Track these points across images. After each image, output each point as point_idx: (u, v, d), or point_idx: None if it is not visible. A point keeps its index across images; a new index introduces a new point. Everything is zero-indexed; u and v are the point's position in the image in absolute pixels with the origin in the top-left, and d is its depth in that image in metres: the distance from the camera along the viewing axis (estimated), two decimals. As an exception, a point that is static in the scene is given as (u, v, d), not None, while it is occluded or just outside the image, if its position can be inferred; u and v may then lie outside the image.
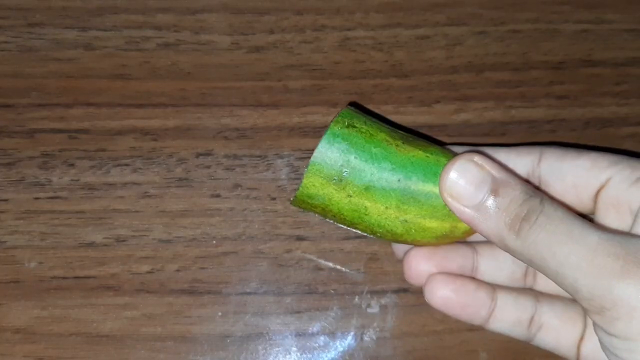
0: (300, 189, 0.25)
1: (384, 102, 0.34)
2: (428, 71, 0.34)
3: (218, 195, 0.33)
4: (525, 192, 0.23)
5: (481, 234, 0.24)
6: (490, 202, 0.23)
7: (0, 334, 0.31)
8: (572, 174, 0.25)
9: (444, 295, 0.27)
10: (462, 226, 0.25)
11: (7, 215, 0.32)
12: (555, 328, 0.27)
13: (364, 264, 0.32)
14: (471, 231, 0.26)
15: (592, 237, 0.21)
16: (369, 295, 0.32)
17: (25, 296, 0.31)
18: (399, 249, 0.29)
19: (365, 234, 0.27)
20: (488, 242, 0.27)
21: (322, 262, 0.32)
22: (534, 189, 0.24)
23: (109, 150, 0.33)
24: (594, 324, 0.22)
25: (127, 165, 0.33)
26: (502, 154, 0.27)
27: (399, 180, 0.24)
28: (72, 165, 0.33)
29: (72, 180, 0.33)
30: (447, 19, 0.35)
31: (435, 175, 0.25)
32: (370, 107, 0.34)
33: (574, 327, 0.27)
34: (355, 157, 0.24)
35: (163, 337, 0.31)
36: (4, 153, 0.33)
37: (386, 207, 0.25)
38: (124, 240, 0.32)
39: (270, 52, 0.34)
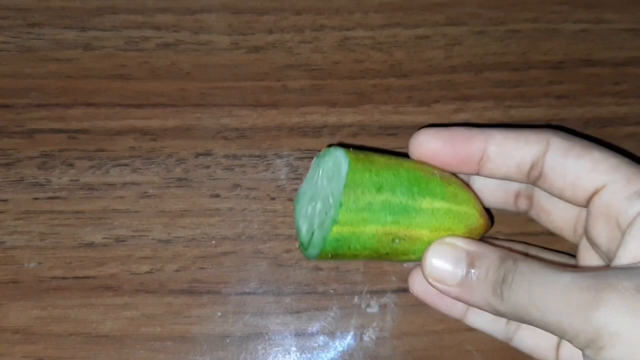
0: (327, 245, 0.25)
1: (383, 102, 0.34)
2: (427, 71, 0.34)
3: (217, 195, 0.33)
4: (498, 258, 0.24)
5: (473, 306, 0.25)
6: (470, 275, 0.25)
7: (0, 334, 0.31)
8: (573, 173, 0.25)
9: (423, 285, 0.27)
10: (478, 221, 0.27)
11: (6, 215, 0.32)
12: (532, 329, 0.27)
13: (363, 263, 0.32)
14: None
15: (564, 278, 0.22)
16: (368, 295, 0.32)
17: (25, 296, 0.31)
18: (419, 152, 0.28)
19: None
20: (501, 130, 0.27)
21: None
22: (507, 251, 0.25)
23: (108, 151, 0.33)
24: (585, 357, 0.23)
25: (126, 165, 0.33)
26: (511, 141, 0.27)
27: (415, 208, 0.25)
28: (71, 165, 0.33)
29: (71, 180, 0.33)
30: (446, 18, 0.35)
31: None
32: (370, 106, 0.34)
33: None
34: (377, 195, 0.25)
35: (162, 337, 0.31)
36: (3, 153, 0.33)
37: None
38: (123, 241, 0.32)
39: (269, 52, 0.34)
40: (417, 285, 0.28)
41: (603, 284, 0.22)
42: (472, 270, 0.25)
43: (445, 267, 0.25)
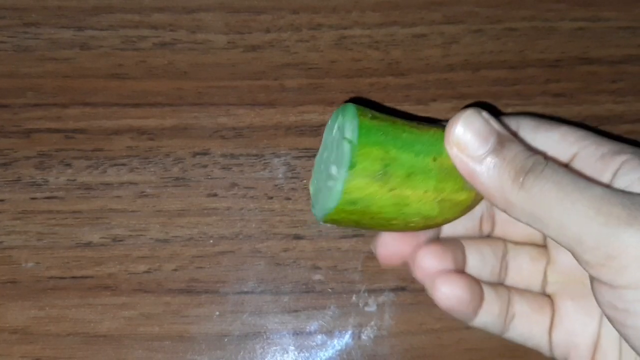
0: (343, 196, 0.23)
1: (380, 100, 0.34)
2: (424, 69, 0.34)
3: (215, 195, 0.33)
4: (529, 149, 0.23)
5: (481, 189, 0.24)
6: (494, 154, 0.23)
7: (-2, 334, 0.31)
8: (543, 146, 0.25)
9: (456, 295, 0.26)
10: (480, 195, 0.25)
11: (3, 215, 0.32)
12: (527, 315, 0.27)
13: (361, 262, 0.32)
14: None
15: (597, 188, 0.21)
16: (366, 294, 0.32)
17: (22, 296, 0.31)
18: (384, 256, 0.28)
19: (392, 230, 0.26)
20: (469, 238, 0.28)
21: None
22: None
23: (106, 150, 0.33)
24: (595, 284, 0.22)
25: (123, 164, 0.33)
26: None
27: (434, 160, 0.24)
28: (68, 165, 0.33)
29: (68, 180, 0.32)
30: (443, 17, 0.35)
31: None
32: (368, 106, 0.34)
33: (544, 314, 0.27)
34: (393, 146, 0.23)
35: (160, 337, 0.31)
36: (0, 153, 0.33)
37: (425, 191, 0.24)
38: (121, 240, 0.32)
39: (266, 51, 0.34)
40: (450, 297, 0.26)
41: (637, 205, 0.21)
42: (499, 151, 0.23)
43: (472, 138, 0.23)
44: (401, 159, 0.24)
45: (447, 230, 0.28)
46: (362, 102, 0.34)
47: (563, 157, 0.25)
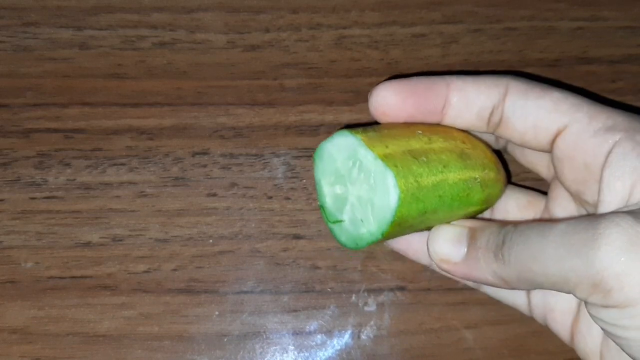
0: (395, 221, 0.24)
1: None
2: (424, 69, 0.34)
3: (214, 195, 0.33)
4: (498, 226, 0.24)
5: (481, 282, 0.25)
6: (472, 247, 0.25)
7: (-3, 334, 0.31)
8: (533, 115, 0.25)
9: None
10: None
11: (3, 215, 0.32)
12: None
13: (360, 262, 0.32)
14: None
15: (560, 226, 0.22)
16: (365, 294, 0.32)
17: (22, 296, 0.31)
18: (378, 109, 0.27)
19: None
20: (460, 76, 0.27)
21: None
22: (508, 222, 0.25)
23: (105, 150, 0.33)
24: (590, 309, 0.22)
25: (123, 164, 0.33)
26: (470, 86, 0.26)
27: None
28: (68, 164, 0.33)
29: (68, 179, 0.32)
30: (442, 16, 0.35)
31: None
32: (366, 105, 0.34)
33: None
34: (427, 203, 0.24)
35: (160, 337, 0.31)
36: (-1, 153, 0.33)
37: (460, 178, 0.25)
38: (120, 240, 0.32)
39: (266, 50, 0.34)
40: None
41: (600, 220, 0.21)
42: (474, 242, 0.25)
43: (449, 246, 0.25)
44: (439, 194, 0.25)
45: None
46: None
47: (552, 126, 0.25)
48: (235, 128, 0.33)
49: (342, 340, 0.32)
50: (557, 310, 0.27)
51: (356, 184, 0.25)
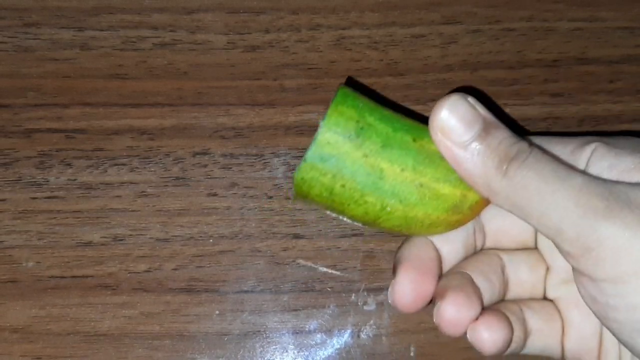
0: (314, 148, 0.23)
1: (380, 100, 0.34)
2: (423, 70, 0.34)
3: (215, 194, 0.33)
4: (515, 136, 0.23)
5: (464, 176, 0.23)
6: (479, 141, 0.23)
7: (-1, 333, 0.31)
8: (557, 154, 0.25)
9: (500, 337, 0.25)
10: (471, 196, 0.24)
11: (4, 215, 0.32)
12: (541, 330, 0.26)
13: (360, 261, 0.33)
14: (478, 206, 0.25)
15: (577, 178, 0.21)
16: (365, 293, 0.32)
17: (23, 296, 0.32)
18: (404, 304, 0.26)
19: (367, 222, 0.25)
20: (469, 262, 0.26)
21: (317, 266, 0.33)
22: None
23: (106, 150, 0.33)
24: (577, 275, 0.22)
25: (124, 164, 0.33)
26: None
27: (414, 140, 0.24)
28: (69, 164, 0.33)
29: (69, 179, 0.33)
30: (442, 17, 0.35)
31: None
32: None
33: (554, 323, 0.27)
34: (369, 115, 0.23)
35: (161, 336, 0.32)
36: (0, 153, 0.33)
37: (402, 169, 0.23)
38: (121, 240, 0.32)
39: (266, 51, 0.34)
40: (491, 342, 0.25)
41: (616, 196, 0.21)
42: (484, 137, 0.23)
43: (457, 124, 0.23)
44: (377, 127, 0.23)
45: (450, 257, 0.27)
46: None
47: (580, 162, 0.25)
48: (236, 128, 0.34)
49: (341, 339, 0.32)
50: (594, 349, 0.26)
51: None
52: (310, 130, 0.34)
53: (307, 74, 0.34)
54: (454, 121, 0.23)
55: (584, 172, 0.22)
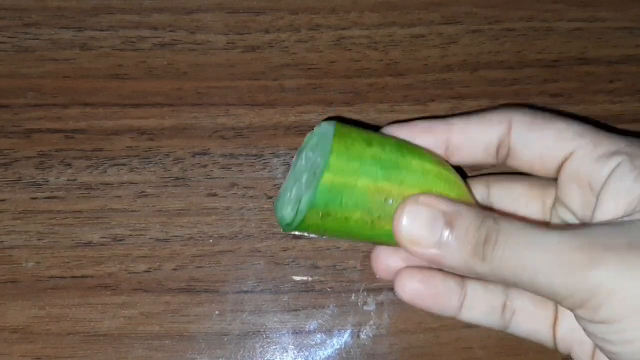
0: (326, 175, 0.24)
1: (379, 100, 0.34)
2: (423, 70, 0.34)
3: (214, 194, 0.33)
4: (477, 216, 0.23)
5: (449, 269, 0.24)
6: (447, 236, 0.23)
7: (-2, 333, 0.31)
8: (539, 144, 0.26)
9: (413, 288, 0.27)
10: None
11: (4, 215, 0.32)
12: (529, 312, 0.27)
13: (360, 261, 0.33)
14: None
15: (552, 238, 0.22)
16: (365, 293, 0.32)
17: (23, 296, 0.32)
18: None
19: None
20: (462, 117, 0.27)
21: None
22: (485, 210, 0.24)
23: (106, 150, 0.33)
24: (578, 319, 0.23)
25: (123, 164, 0.33)
26: (473, 127, 0.27)
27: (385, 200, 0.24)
28: (68, 165, 0.33)
29: (68, 180, 0.33)
30: (441, 17, 0.35)
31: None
32: (366, 106, 0.34)
33: (546, 309, 0.27)
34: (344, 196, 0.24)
35: (160, 336, 0.32)
36: (0, 153, 0.33)
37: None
38: (121, 240, 0.32)
39: (265, 51, 0.34)
40: (407, 290, 0.27)
41: (595, 243, 0.21)
42: (450, 231, 0.23)
43: (421, 228, 0.23)
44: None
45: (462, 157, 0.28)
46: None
47: (559, 154, 0.25)
48: (235, 128, 0.34)
49: (341, 339, 0.32)
50: (586, 340, 0.26)
51: (306, 162, 0.26)
52: (310, 130, 0.34)
53: (307, 74, 0.34)
54: (417, 228, 0.23)
55: (557, 227, 0.23)
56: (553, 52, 0.35)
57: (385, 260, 0.28)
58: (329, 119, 0.34)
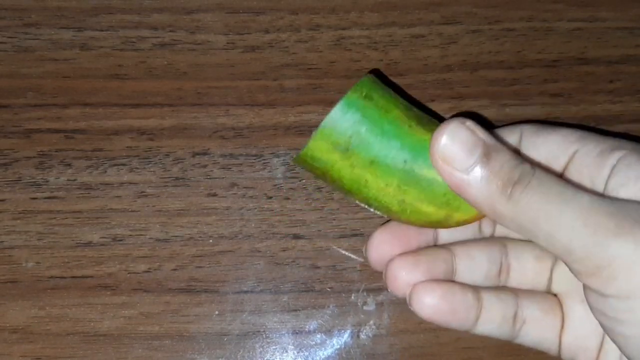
0: (305, 150, 0.24)
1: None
2: (423, 70, 0.34)
3: (214, 195, 0.33)
4: (516, 158, 0.23)
5: (470, 201, 0.24)
6: (482, 166, 0.23)
7: (-2, 333, 0.31)
8: (545, 148, 0.26)
9: (433, 304, 0.26)
10: (457, 216, 0.25)
11: (4, 215, 0.32)
12: (538, 320, 0.27)
13: (360, 261, 0.33)
14: (466, 222, 0.26)
15: (584, 198, 0.21)
16: (365, 293, 0.32)
17: (23, 296, 0.32)
18: (375, 259, 0.28)
19: (360, 204, 0.27)
20: (461, 242, 0.28)
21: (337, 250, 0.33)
22: (525, 156, 0.24)
23: (106, 150, 0.33)
24: (587, 290, 0.22)
25: (123, 164, 0.33)
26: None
27: (405, 162, 0.24)
28: (68, 165, 0.33)
29: (68, 180, 0.33)
30: (441, 17, 0.35)
31: None
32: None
33: (554, 316, 0.27)
34: (366, 130, 0.24)
35: (160, 336, 0.32)
36: (0, 153, 0.33)
37: (386, 185, 0.24)
38: (121, 240, 0.32)
39: (265, 51, 0.34)
40: (427, 307, 0.26)
41: (624, 214, 0.21)
42: (486, 162, 0.23)
43: (459, 149, 0.23)
44: (371, 144, 0.24)
45: (444, 235, 0.28)
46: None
47: (564, 156, 0.25)
48: (235, 128, 0.34)
49: (341, 339, 0.32)
50: (591, 348, 0.26)
51: None
52: (310, 130, 0.34)
53: (307, 74, 0.34)
54: (454, 148, 0.23)
55: (591, 191, 0.22)
56: (553, 52, 0.35)
57: (404, 276, 0.27)
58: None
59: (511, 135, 0.27)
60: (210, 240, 0.32)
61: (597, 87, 0.35)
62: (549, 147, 0.26)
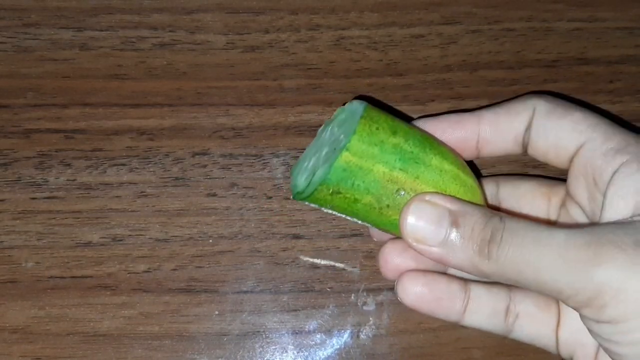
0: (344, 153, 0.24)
1: (379, 100, 0.34)
2: (423, 70, 0.34)
3: (214, 195, 0.33)
4: (484, 215, 0.23)
5: (455, 267, 0.24)
6: (453, 235, 0.23)
7: (-2, 333, 0.31)
8: (554, 135, 0.26)
9: (417, 292, 0.27)
10: None
11: (3, 215, 0.32)
12: (532, 315, 0.27)
13: (359, 261, 0.33)
14: None
15: (558, 236, 0.22)
16: (365, 293, 0.32)
17: (23, 296, 0.32)
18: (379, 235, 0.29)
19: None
20: (490, 109, 0.28)
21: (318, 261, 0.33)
22: (491, 210, 0.24)
23: (106, 150, 0.33)
24: (583, 318, 0.23)
25: (123, 165, 0.33)
26: (502, 118, 0.27)
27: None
28: (68, 165, 0.33)
29: (68, 180, 0.33)
30: (441, 17, 0.35)
31: None
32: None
33: (550, 312, 0.27)
34: (337, 212, 0.26)
35: (160, 336, 0.32)
36: (0, 153, 0.33)
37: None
38: (120, 240, 0.32)
39: (265, 51, 0.34)
40: (410, 294, 0.27)
41: (601, 240, 0.21)
42: (455, 230, 0.23)
43: (427, 227, 0.23)
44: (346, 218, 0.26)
45: None
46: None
47: (572, 146, 0.25)
48: (235, 128, 0.34)
49: (341, 339, 0.32)
50: (589, 344, 0.26)
51: (330, 137, 0.27)
52: (309, 130, 0.34)
53: (307, 74, 0.34)
54: (422, 225, 0.24)
55: (564, 226, 0.23)
56: (553, 52, 0.35)
57: (393, 260, 0.27)
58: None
59: (525, 113, 0.26)
60: (210, 240, 0.32)
61: (597, 87, 0.35)
62: (558, 134, 0.26)
